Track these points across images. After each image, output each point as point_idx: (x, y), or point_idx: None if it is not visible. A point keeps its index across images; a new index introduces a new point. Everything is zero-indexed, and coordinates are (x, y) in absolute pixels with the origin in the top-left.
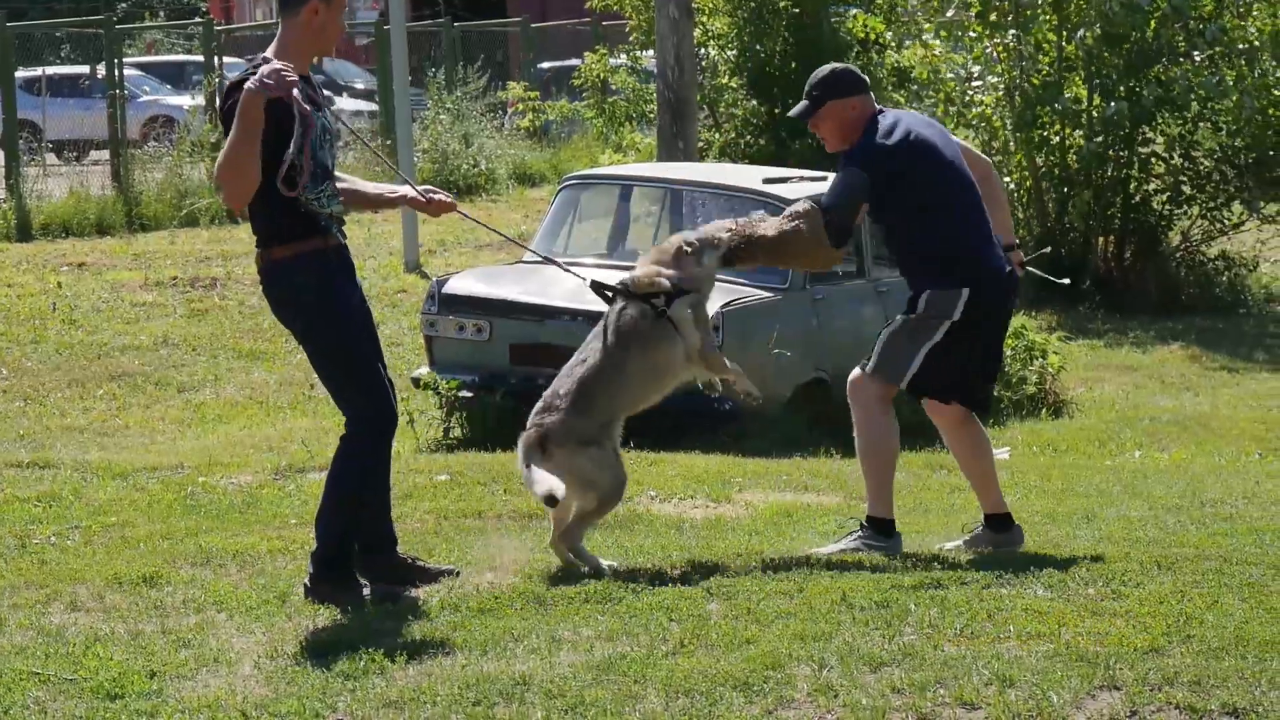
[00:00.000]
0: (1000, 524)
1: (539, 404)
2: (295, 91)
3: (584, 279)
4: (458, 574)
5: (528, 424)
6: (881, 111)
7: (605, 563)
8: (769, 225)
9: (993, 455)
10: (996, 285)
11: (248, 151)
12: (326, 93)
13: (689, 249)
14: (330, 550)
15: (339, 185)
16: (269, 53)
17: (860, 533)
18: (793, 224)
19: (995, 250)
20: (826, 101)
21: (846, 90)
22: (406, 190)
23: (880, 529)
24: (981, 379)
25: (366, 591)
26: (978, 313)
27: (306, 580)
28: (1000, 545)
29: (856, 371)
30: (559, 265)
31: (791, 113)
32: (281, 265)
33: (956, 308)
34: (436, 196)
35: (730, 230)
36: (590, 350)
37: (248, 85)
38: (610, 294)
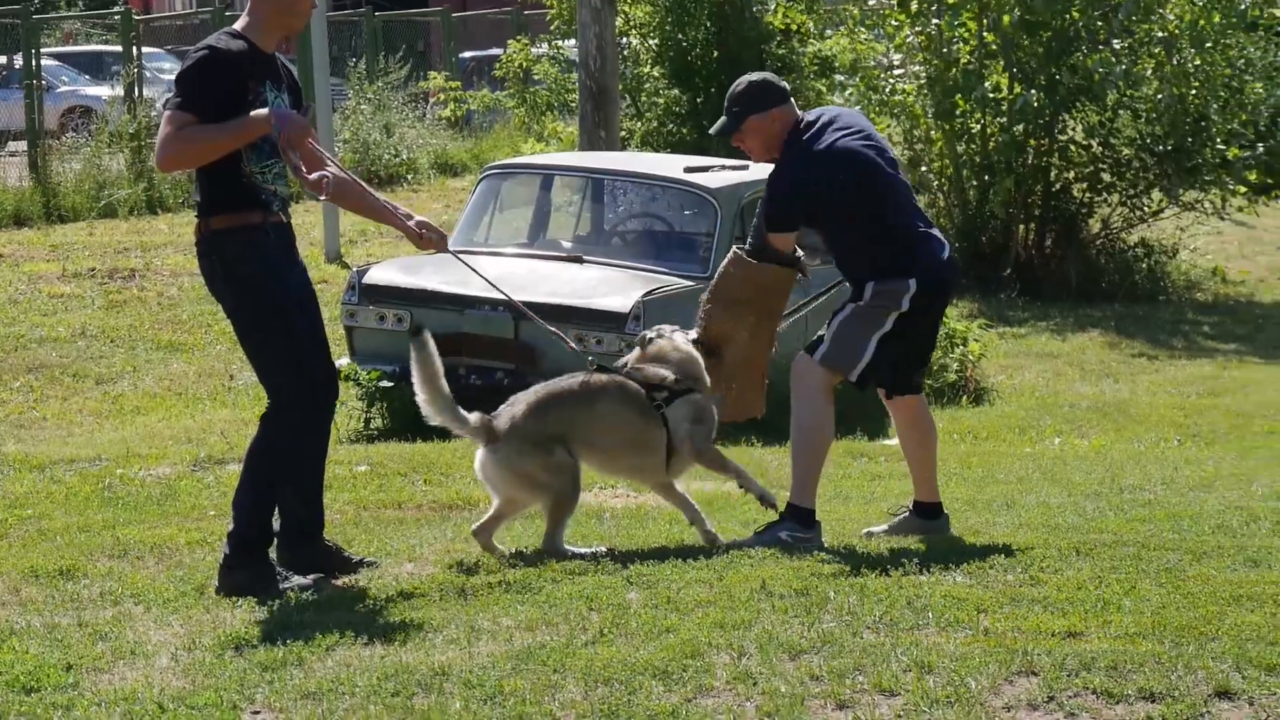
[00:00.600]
0: (931, 512)
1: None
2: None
3: (555, 333)
4: (378, 565)
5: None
6: (803, 119)
7: (588, 550)
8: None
9: (936, 445)
10: (940, 275)
11: (221, 151)
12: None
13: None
14: (249, 533)
15: (346, 178)
16: (238, 26)
17: (781, 523)
18: (719, 279)
19: (936, 239)
20: (748, 116)
21: (768, 103)
22: (402, 218)
23: (802, 519)
24: (918, 364)
25: (286, 585)
26: (923, 303)
27: (221, 559)
28: (926, 533)
29: (804, 356)
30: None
31: (713, 130)
32: (217, 236)
33: (904, 300)
34: (430, 234)
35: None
36: (573, 378)
37: (272, 120)
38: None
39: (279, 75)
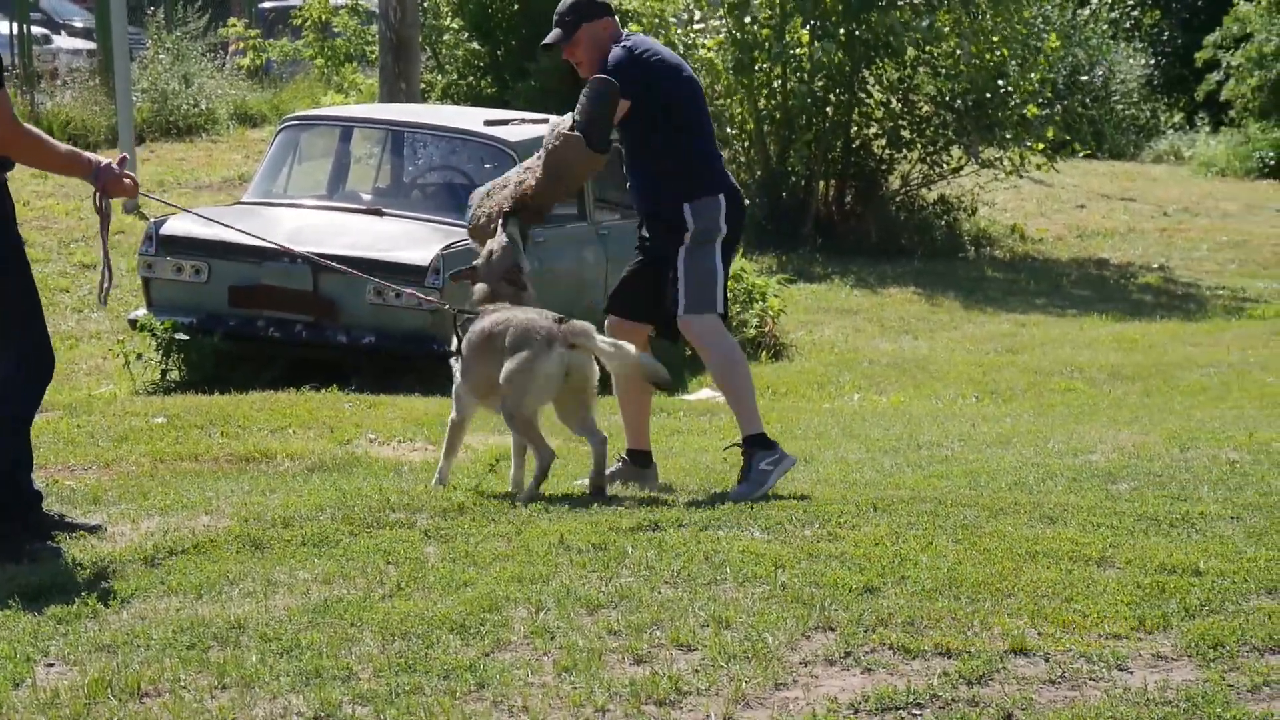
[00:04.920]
0: (644, 460)
1: None
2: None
3: (302, 255)
4: (105, 530)
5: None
6: (625, 34)
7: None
8: (531, 171)
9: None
10: (738, 200)
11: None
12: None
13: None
14: None
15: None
16: None
17: (752, 460)
18: (546, 153)
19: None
20: (582, 24)
21: (598, 12)
22: (86, 160)
23: (763, 444)
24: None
25: (33, 547)
26: (733, 224)
27: None
28: (640, 480)
29: (684, 317)
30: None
31: (546, 40)
32: None
33: (720, 218)
34: (115, 174)
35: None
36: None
37: (93, 170)
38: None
39: None
